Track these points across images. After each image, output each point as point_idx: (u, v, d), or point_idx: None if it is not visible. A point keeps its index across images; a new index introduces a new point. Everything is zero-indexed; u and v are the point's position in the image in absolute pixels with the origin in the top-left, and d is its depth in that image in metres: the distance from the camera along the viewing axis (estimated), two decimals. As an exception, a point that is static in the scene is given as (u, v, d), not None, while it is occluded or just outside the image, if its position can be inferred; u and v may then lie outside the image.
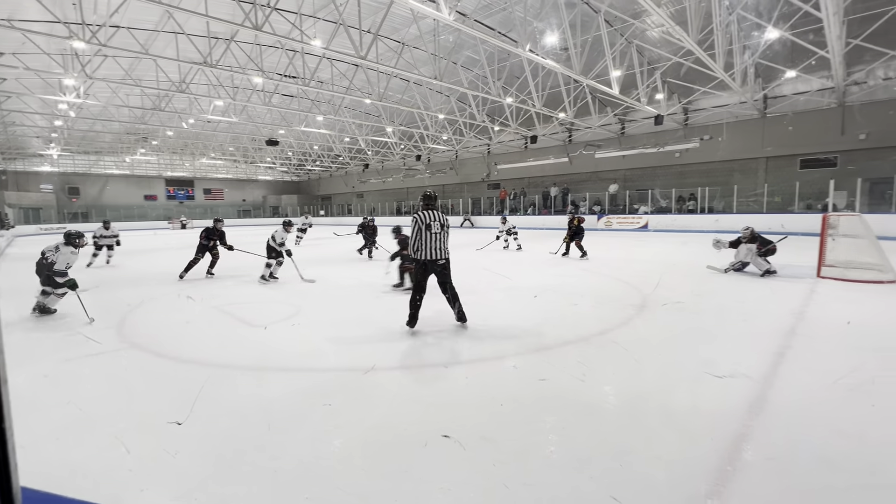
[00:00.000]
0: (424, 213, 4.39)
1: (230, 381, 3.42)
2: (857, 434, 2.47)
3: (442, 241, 4.41)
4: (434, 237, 4.35)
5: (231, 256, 13.13)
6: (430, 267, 4.42)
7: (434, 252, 4.37)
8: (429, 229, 4.34)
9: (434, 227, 4.36)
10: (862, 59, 15.26)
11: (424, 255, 4.37)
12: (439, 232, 4.39)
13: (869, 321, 4.72)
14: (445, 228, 4.46)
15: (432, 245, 4.36)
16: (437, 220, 4.39)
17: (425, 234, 4.35)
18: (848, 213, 8.05)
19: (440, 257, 4.40)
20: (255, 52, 15.49)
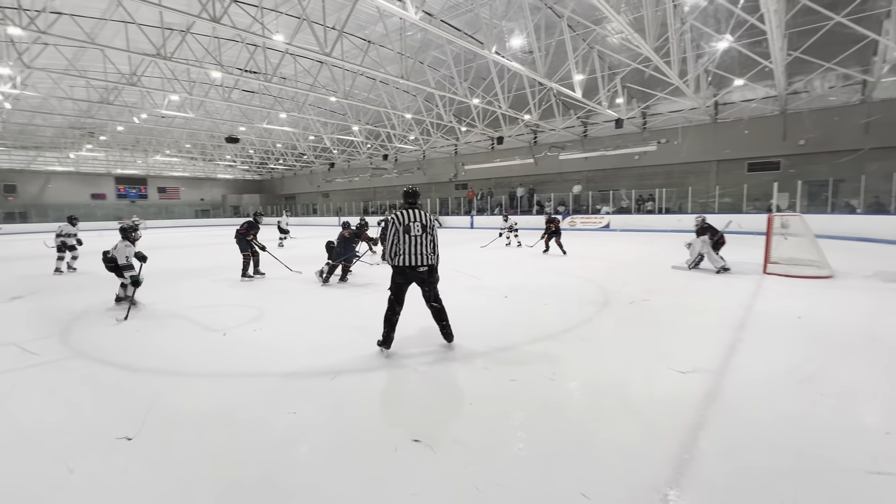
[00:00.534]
0: (403, 212, 3.81)
1: (187, 390, 3.26)
2: (804, 420, 2.64)
3: (424, 245, 3.80)
4: (414, 241, 3.76)
5: (186, 257, 12.56)
6: (410, 275, 3.81)
7: (414, 257, 3.75)
8: (407, 231, 3.75)
9: (414, 228, 3.76)
10: (801, 70, 16.40)
11: (402, 261, 3.77)
12: (420, 234, 3.77)
13: (812, 314, 5.06)
14: (429, 230, 3.85)
15: (412, 249, 3.75)
16: (419, 221, 3.79)
17: (403, 236, 3.76)
18: (790, 214, 8.64)
19: (421, 263, 3.77)
20: (213, 45, 14.86)
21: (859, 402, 2.91)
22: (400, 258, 3.78)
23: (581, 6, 13.50)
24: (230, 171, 45.84)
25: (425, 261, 3.80)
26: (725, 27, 13.95)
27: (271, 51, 16.36)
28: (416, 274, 3.81)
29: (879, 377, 3.26)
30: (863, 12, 12.15)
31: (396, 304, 3.84)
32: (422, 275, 3.82)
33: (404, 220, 3.78)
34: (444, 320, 3.98)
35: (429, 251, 3.82)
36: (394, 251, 3.82)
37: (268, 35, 11.43)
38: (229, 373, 3.60)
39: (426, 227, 3.82)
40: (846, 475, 2.09)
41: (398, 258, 3.79)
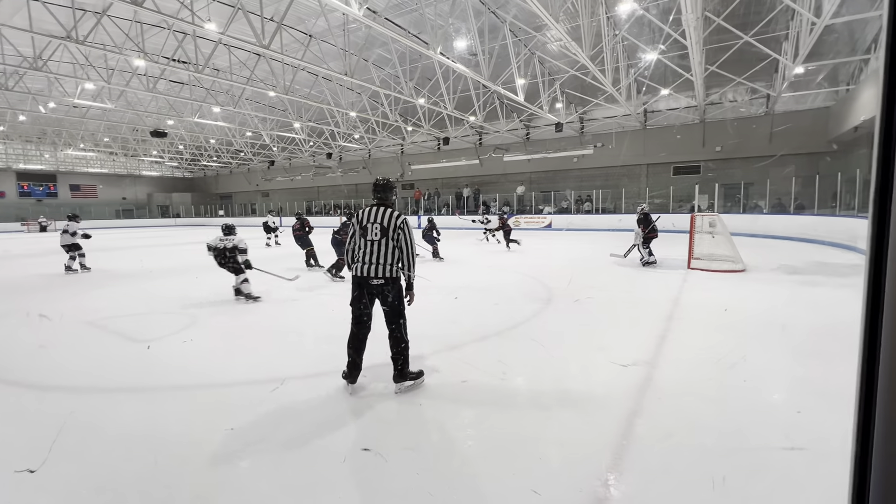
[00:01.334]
0: (367, 210, 3.17)
1: (106, 408, 2.96)
2: (727, 403, 2.89)
3: (381, 253, 3.05)
4: (370, 246, 3.07)
5: (104, 261, 11.39)
6: (366, 288, 3.10)
7: (368, 266, 3.05)
8: (364, 233, 3.11)
9: (371, 230, 3.08)
10: (717, 83, 18.05)
11: (358, 270, 3.10)
12: (378, 239, 3.07)
13: (732, 305, 5.57)
14: (392, 235, 3.07)
15: (366, 257, 3.07)
16: (377, 222, 3.08)
17: (359, 240, 3.13)
18: (709, 214, 9.49)
19: (375, 275, 3.04)
20: (134, 30, 13.62)
21: (774, 384, 3.24)
22: (357, 265, 3.11)
23: (522, 13, 13.92)
24: (157, 167, 42.30)
25: (381, 271, 3.05)
26: (653, 41, 15.03)
27: (203, 40, 15.30)
28: (371, 286, 3.08)
29: (790, 361, 3.65)
30: (766, 34, 13.62)
31: (354, 321, 3.15)
32: (376, 289, 3.07)
33: (362, 220, 3.13)
34: (396, 357, 3.14)
35: (387, 261, 3.06)
36: (352, 255, 3.17)
37: (198, 23, 10.68)
38: (157, 386, 3.31)
39: (387, 231, 3.07)
40: (765, 452, 2.31)
41: (356, 265, 3.12)
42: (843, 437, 2.39)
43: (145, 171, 41.67)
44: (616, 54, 15.33)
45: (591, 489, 2.03)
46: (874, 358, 0.60)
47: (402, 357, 3.14)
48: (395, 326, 3.14)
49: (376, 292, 3.10)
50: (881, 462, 0.60)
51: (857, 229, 10.75)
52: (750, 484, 2.05)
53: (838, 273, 7.76)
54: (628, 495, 1.99)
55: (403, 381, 3.13)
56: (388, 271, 3.07)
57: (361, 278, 3.08)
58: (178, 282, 7.99)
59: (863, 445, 0.62)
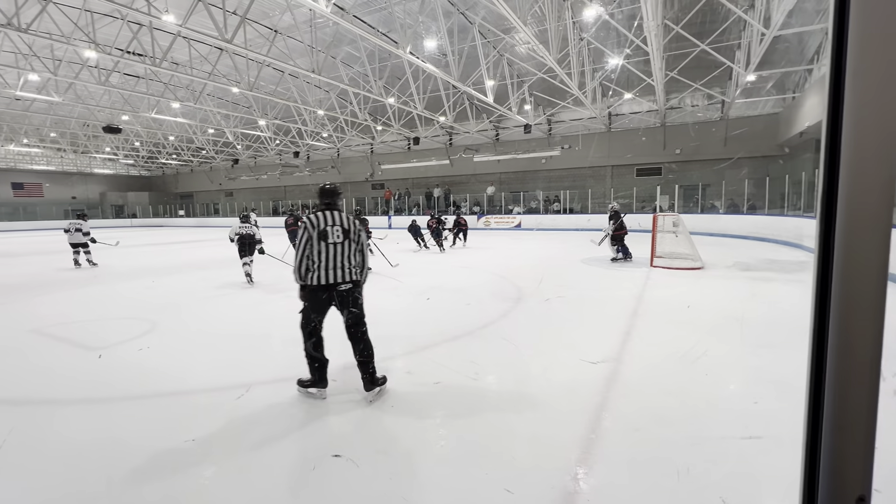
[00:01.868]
0: (319, 214, 3.02)
1: (53, 423, 2.77)
2: (688, 396, 3.01)
3: (346, 256, 3.01)
4: (333, 250, 2.97)
5: (53, 264, 10.67)
6: (329, 295, 2.99)
7: (333, 272, 2.96)
8: (323, 237, 2.96)
9: (332, 233, 2.98)
10: (677, 89, 18.85)
11: (317, 278, 2.94)
12: (341, 241, 3.00)
13: (692, 301, 5.82)
14: (353, 237, 3.05)
15: (330, 262, 2.96)
16: (338, 225, 3.01)
17: (318, 245, 2.96)
18: (670, 214, 9.89)
19: (343, 279, 2.98)
20: (84, 19, 12.84)
21: (732, 376, 3.40)
22: (314, 274, 2.95)
23: (491, 15, 14.05)
24: (111, 165, 40.04)
25: (348, 275, 3.00)
26: (618, 45, 15.52)
27: (160, 32, 14.60)
28: (337, 293, 2.99)
29: (746, 353, 3.85)
30: (721, 42, 14.32)
31: (313, 333, 3.03)
32: (343, 294, 2.99)
33: (320, 224, 2.98)
34: (368, 361, 3.05)
35: (352, 263, 3.04)
36: (305, 265, 2.98)
37: (155, 14, 10.18)
38: (110, 397, 3.13)
39: (348, 233, 3.03)
40: (725, 441, 2.43)
41: (312, 274, 2.96)
42: (796, 425, 2.54)
43: (97, 168, 39.37)
44: (582, 58, 15.73)
45: (561, 485, 2.06)
46: (822, 350, 0.64)
47: (372, 362, 3.06)
48: (364, 330, 3.09)
49: (341, 298, 2.99)
50: (829, 448, 0.64)
51: (803, 228, 11.48)
52: (711, 473, 2.15)
53: (786, 269, 8.26)
54: (596, 488, 2.04)
55: (374, 387, 3.05)
56: (354, 274, 3.04)
57: (327, 286, 2.95)
58: (132, 286, 7.60)
59: (813, 432, 0.66)
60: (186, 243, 17.48)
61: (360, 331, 3.07)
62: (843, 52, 0.60)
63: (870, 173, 0.60)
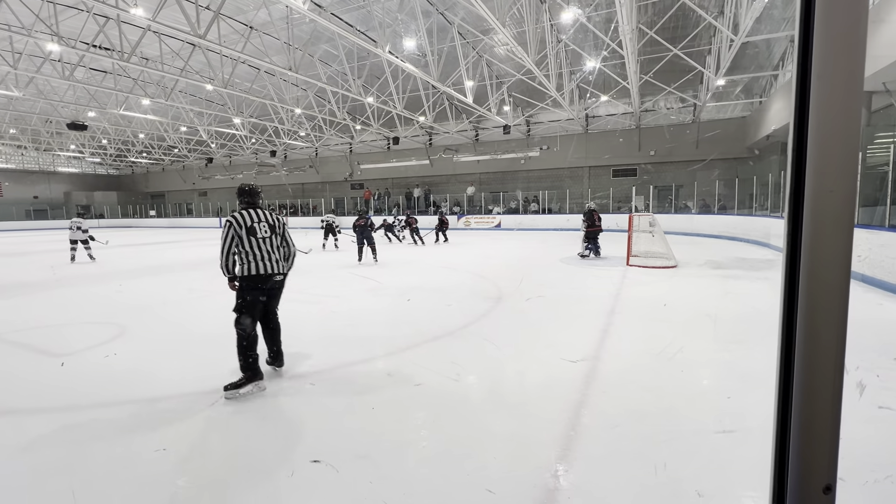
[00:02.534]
0: (243, 213, 3.23)
1: (16, 432, 2.63)
2: (664, 392, 3.09)
3: (273, 249, 3.24)
4: (262, 244, 3.18)
5: (12, 267, 10.15)
6: (264, 285, 3.20)
7: (268, 264, 3.19)
8: (252, 233, 3.15)
9: (260, 228, 3.19)
10: (651, 92, 19.34)
11: (252, 269, 3.14)
12: (268, 236, 3.21)
13: (667, 299, 5.97)
14: (278, 232, 3.30)
15: (264, 255, 3.18)
16: (265, 221, 3.23)
17: (248, 240, 3.14)
18: (645, 214, 10.14)
19: (277, 271, 3.24)
20: (46, 10, 12.28)
21: (706, 372, 3.50)
22: (248, 266, 3.13)
23: (470, 15, 14.10)
24: (76, 163, 38.44)
25: (279, 267, 3.25)
26: (595, 48, 15.81)
27: (129, 26, 14.09)
28: (272, 282, 3.22)
29: (720, 349, 3.96)
30: (693, 47, 14.77)
31: (251, 325, 3.17)
32: (277, 283, 3.27)
33: (247, 221, 3.17)
34: (277, 342, 3.46)
35: (280, 256, 3.29)
36: (231, 261, 3.17)
37: (123, 7, 9.81)
38: (74, 406, 3.00)
39: (274, 228, 3.26)
40: (700, 436, 2.49)
41: (245, 266, 3.13)
42: (766, 418, 2.63)
43: (61, 167, 37.74)
44: (560, 60, 15.96)
45: (542, 483, 2.08)
46: (791, 345, 0.66)
47: (280, 343, 3.48)
48: (276, 316, 3.48)
49: (274, 287, 3.29)
50: (797, 440, 0.66)
51: (770, 227, 11.93)
52: (687, 467, 2.20)
53: (755, 267, 8.57)
54: (576, 485, 2.07)
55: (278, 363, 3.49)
56: (282, 266, 3.32)
57: (264, 276, 3.18)
58: (100, 290, 7.31)
59: (782, 425, 0.68)
60: (157, 245, 16.94)
61: (275, 320, 3.48)
62: (808, 57, 0.63)
63: (834, 174, 0.62)
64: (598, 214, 9.97)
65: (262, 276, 3.17)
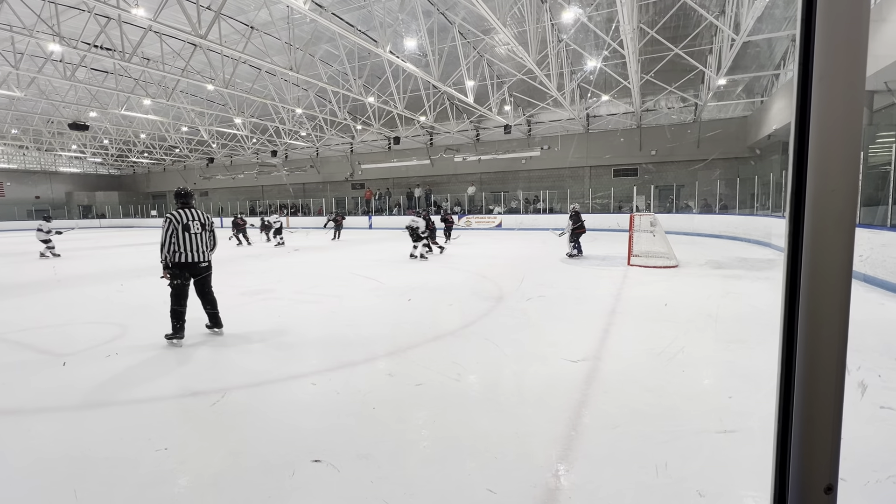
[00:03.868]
0: (180, 212, 4.15)
1: (18, 433, 2.64)
2: (665, 392, 3.08)
3: (204, 242, 4.24)
4: (193, 239, 4.16)
5: (12, 267, 10.16)
6: (192, 271, 4.21)
7: (195, 254, 4.17)
8: (187, 230, 4.12)
9: (193, 226, 4.16)
10: (652, 92, 19.31)
11: (182, 258, 4.14)
12: (200, 232, 4.21)
13: (668, 298, 5.96)
14: (207, 228, 4.29)
15: (192, 247, 4.15)
16: (197, 220, 4.21)
17: (183, 234, 4.11)
18: (646, 213, 10.14)
19: (202, 260, 4.23)
20: (48, 10, 12.31)
21: (708, 372, 3.50)
22: (180, 255, 4.11)
23: (471, 15, 14.10)
24: (77, 163, 38.52)
25: (205, 257, 4.26)
26: (596, 48, 15.79)
27: (130, 26, 14.11)
28: (198, 269, 4.23)
29: (721, 349, 3.96)
30: (694, 47, 14.75)
31: (183, 298, 4.17)
32: (202, 269, 4.26)
33: (183, 219, 4.11)
34: (215, 312, 4.45)
35: (208, 248, 4.29)
36: (172, 249, 4.09)
37: (124, 7, 9.83)
38: (77, 405, 3.00)
39: (204, 226, 4.24)
40: (701, 436, 2.49)
41: (178, 255, 4.12)
42: (767, 419, 2.63)
43: (63, 167, 37.81)
44: (561, 60, 15.95)
45: (543, 482, 2.08)
46: (792, 344, 0.66)
47: (217, 311, 4.45)
48: (211, 289, 4.40)
49: (201, 273, 4.26)
50: (798, 440, 0.66)
51: (771, 227, 11.92)
52: (688, 467, 2.20)
53: (756, 267, 8.55)
54: (577, 484, 2.07)
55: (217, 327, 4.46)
56: (208, 256, 4.30)
57: (190, 264, 4.17)
58: (101, 290, 7.32)
59: (783, 425, 0.68)
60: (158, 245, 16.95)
61: (208, 290, 4.39)
62: (809, 56, 0.62)
63: (835, 174, 0.62)
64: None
65: (189, 264, 4.15)
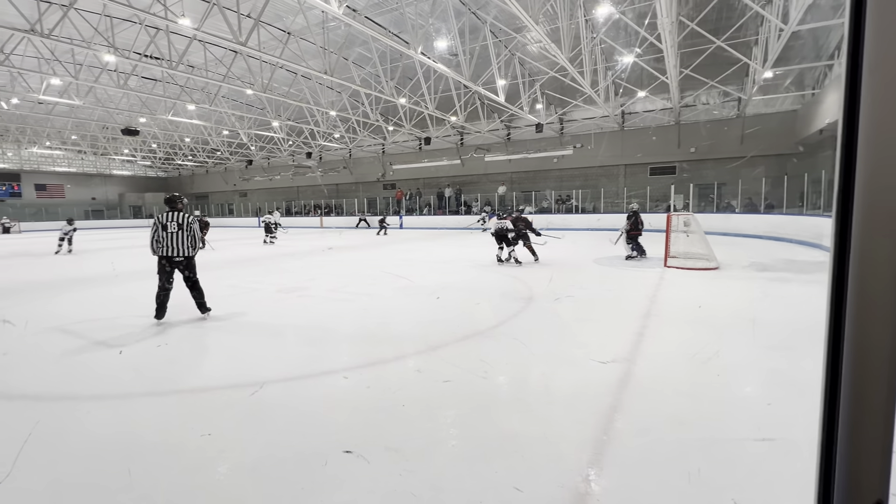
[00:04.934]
0: (162, 214, 5.02)
1: (76, 417, 2.85)
2: (702, 398, 2.97)
3: (181, 240, 4.99)
4: (170, 236, 4.97)
5: (73, 264, 10.95)
6: (170, 262, 5.04)
7: (171, 249, 4.97)
8: (164, 229, 4.95)
9: (170, 226, 4.96)
10: (691, 86, 18.55)
11: (164, 251, 4.99)
12: (175, 231, 5.00)
13: (706, 302, 5.73)
14: (185, 228, 5.03)
15: (167, 243, 4.97)
16: (174, 221, 5.01)
17: (161, 233, 4.97)
18: (685, 213, 9.75)
19: (176, 254, 5.00)
20: (104, 24, 13.16)
21: (746, 378, 3.34)
22: (161, 249, 4.98)
23: (503, 14, 14.01)
24: (129, 166, 40.97)
25: (179, 252, 5.02)
26: (630, 44, 15.34)
27: (176, 35, 14.89)
28: (174, 262, 5.02)
29: (760, 355, 3.77)
30: (737, 39, 14.06)
31: (167, 284, 5.05)
32: (179, 262, 5.05)
33: (162, 220, 4.97)
34: (202, 301, 5.23)
35: (183, 245, 5.01)
36: (154, 245, 4.99)
37: (172, 18, 10.38)
38: (128, 393, 3.20)
39: (182, 226, 5.01)
40: (738, 444, 2.38)
41: (160, 249, 4.98)
42: (810, 428, 2.48)
43: (116, 170, 40.31)
44: (594, 56, 15.60)
45: (572, 485, 2.05)
46: (838, 351, 0.63)
47: (203, 300, 5.25)
48: (196, 280, 5.21)
49: (176, 265, 5.05)
50: (845, 450, 0.63)
51: (822, 227, 11.21)
52: (723, 476, 2.11)
53: (805, 270, 8.07)
54: (609, 490, 2.02)
55: (205, 311, 5.26)
56: (185, 252, 5.05)
57: (168, 257, 4.99)
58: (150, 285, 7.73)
59: (828, 434, 0.65)
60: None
61: (193, 282, 5.18)
62: (859, 47, 0.59)
63: (887, 171, 0.59)
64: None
65: (167, 257, 5.00)
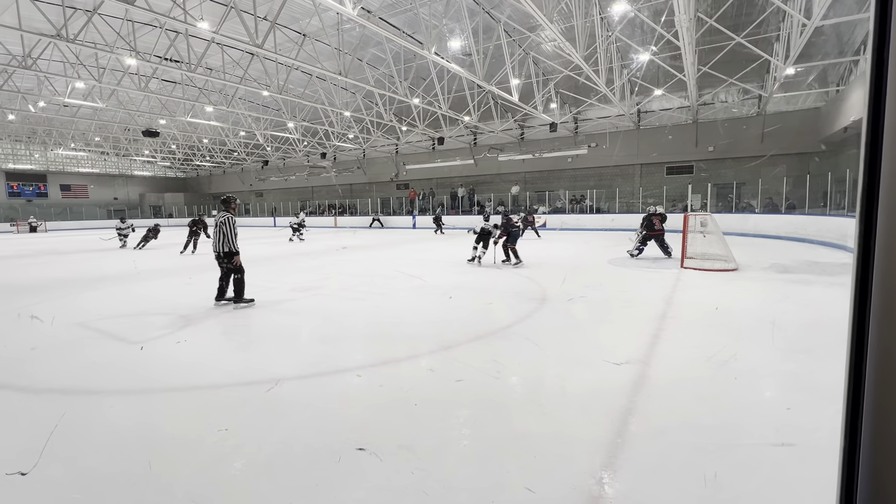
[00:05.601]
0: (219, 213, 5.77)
1: (99, 411, 2.93)
2: (719, 401, 2.92)
3: (215, 239, 5.75)
4: (214, 235, 5.78)
5: (96, 262, 11.26)
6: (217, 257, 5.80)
7: (214, 247, 5.77)
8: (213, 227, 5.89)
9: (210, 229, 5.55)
10: (710, 84, 18.19)
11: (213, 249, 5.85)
12: (216, 230, 5.75)
13: (724, 304, 5.62)
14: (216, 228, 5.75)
15: (212, 240, 5.84)
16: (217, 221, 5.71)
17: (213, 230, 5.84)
18: (702, 213, 9.56)
19: (214, 250, 5.77)
20: (126, 28, 13.50)
21: (765, 381, 3.27)
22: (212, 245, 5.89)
23: (517, 13, 13.95)
24: (149, 167, 41.95)
25: (215, 248, 5.75)
26: (646, 42, 15.12)
27: (195, 39, 15.20)
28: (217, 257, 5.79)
29: (780, 358, 3.69)
30: (758, 35, 13.74)
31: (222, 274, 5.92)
32: (218, 258, 5.78)
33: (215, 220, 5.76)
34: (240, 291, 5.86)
35: (219, 243, 5.70)
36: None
37: (191, 22, 10.59)
38: (149, 388, 3.28)
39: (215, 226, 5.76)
40: (756, 448, 2.34)
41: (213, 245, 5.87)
42: (832, 433, 2.42)
43: (137, 170, 41.31)
44: (609, 55, 15.41)
45: (585, 487, 2.04)
46: (862, 355, 0.61)
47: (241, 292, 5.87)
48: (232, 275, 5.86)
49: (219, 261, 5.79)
50: (868, 457, 0.61)
51: (846, 228, 10.88)
52: (741, 480, 2.07)
53: (828, 272, 7.85)
54: (622, 493, 2.00)
55: (240, 302, 5.84)
56: (218, 249, 5.69)
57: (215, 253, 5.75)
58: (170, 283, 7.93)
59: (851, 440, 0.63)
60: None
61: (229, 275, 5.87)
62: (885, 42, 0.58)
63: (914, 170, 0.57)
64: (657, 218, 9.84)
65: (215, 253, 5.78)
